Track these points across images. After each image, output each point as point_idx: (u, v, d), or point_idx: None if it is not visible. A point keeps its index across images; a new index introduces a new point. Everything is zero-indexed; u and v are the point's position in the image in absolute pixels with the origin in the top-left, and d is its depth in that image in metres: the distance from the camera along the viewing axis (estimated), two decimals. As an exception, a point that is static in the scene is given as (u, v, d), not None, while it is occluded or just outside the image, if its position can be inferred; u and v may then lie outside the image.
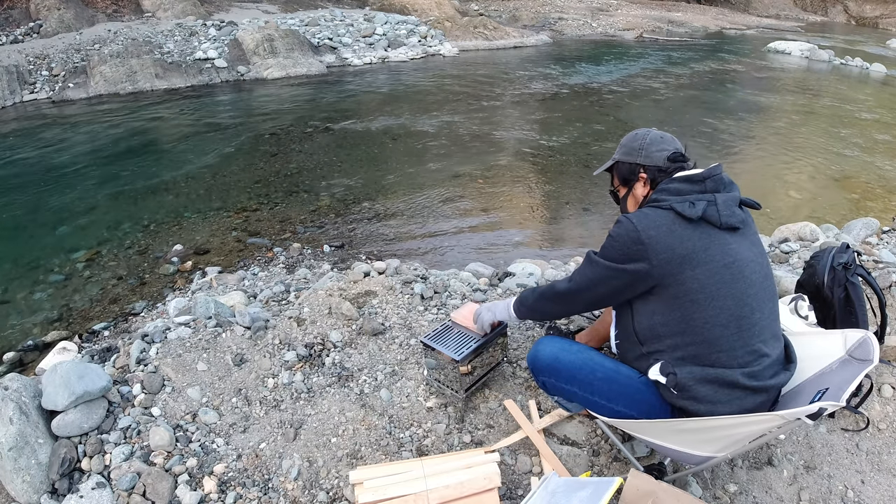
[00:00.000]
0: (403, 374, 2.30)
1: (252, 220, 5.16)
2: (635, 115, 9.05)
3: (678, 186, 1.56)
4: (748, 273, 1.50)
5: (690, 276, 1.46)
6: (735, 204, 1.54)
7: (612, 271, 1.55)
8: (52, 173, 6.24)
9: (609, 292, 1.60)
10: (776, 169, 6.88)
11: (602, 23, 18.15)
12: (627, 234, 1.50)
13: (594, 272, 1.60)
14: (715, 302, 1.46)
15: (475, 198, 5.75)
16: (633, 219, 1.52)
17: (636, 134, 1.74)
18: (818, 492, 1.93)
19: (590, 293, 1.63)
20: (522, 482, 1.90)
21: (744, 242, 1.53)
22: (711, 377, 1.47)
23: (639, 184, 1.71)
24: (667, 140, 1.69)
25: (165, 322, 2.67)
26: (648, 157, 1.67)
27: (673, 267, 1.46)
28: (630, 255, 1.50)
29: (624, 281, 1.54)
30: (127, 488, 1.84)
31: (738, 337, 1.47)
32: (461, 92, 10.00)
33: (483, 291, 2.94)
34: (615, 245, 1.54)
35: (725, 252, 1.48)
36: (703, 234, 1.48)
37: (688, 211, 1.48)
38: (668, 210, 1.51)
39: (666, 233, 1.47)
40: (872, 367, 1.39)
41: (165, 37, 11.02)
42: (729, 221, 1.49)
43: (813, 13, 25.93)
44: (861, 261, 2.78)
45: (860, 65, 13.87)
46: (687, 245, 1.46)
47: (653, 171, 1.66)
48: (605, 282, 1.58)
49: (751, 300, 1.49)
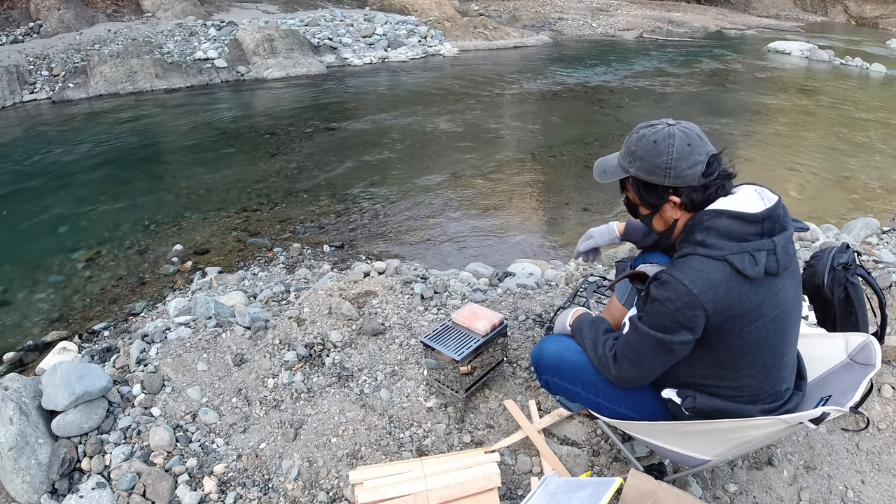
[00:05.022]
0: (403, 374, 2.29)
1: (252, 220, 5.16)
2: (635, 115, 9.05)
3: (729, 227, 1.29)
4: (787, 320, 1.36)
5: (738, 335, 1.31)
6: (791, 242, 1.34)
7: (665, 345, 1.33)
8: (53, 173, 6.24)
9: (664, 366, 1.41)
10: (776, 169, 6.87)
11: (602, 23, 18.14)
12: (680, 298, 1.27)
13: (641, 343, 1.39)
14: (751, 356, 1.35)
15: (475, 198, 5.75)
16: (684, 280, 1.27)
17: (655, 144, 1.35)
18: (818, 492, 1.93)
19: (638, 370, 1.44)
20: (522, 482, 1.90)
21: (788, 281, 1.35)
22: (731, 411, 1.41)
23: (668, 205, 1.41)
24: (695, 145, 1.34)
25: (165, 322, 2.68)
26: (680, 178, 1.33)
27: (725, 327, 1.30)
28: (683, 322, 1.29)
29: (678, 353, 1.36)
30: (127, 488, 1.84)
31: (765, 383, 1.41)
32: (461, 92, 10.00)
33: (483, 291, 2.94)
34: (666, 312, 1.30)
35: (776, 303, 1.31)
36: (759, 290, 1.29)
37: (750, 270, 1.25)
38: (723, 262, 1.26)
39: (724, 293, 1.26)
40: (875, 372, 1.38)
41: (165, 37, 11.01)
42: (785, 266, 1.31)
43: (813, 13, 25.93)
44: (861, 261, 2.78)
45: (860, 65, 13.86)
46: (744, 304, 1.28)
47: (687, 192, 1.35)
48: (656, 358, 1.39)
49: (784, 346, 1.39)
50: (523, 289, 2.95)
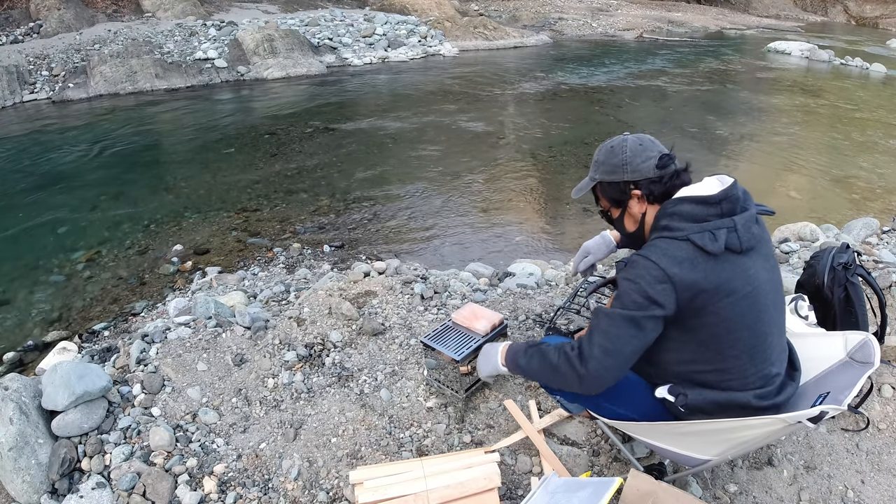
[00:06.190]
0: (403, 374, 2.30)
1: (252, 220, 5.16)
2: (635, 114, 9.05)
3: (691, 210, 1.39)
4: (763, 298, 1.41)
5: (711, 311, 1.36)
6: (753, 222, 1.41)
7: (636, 322, 1.35)
8: (53, 173, 6.24)
9: (637, 349, 1.39)
10: (776, 169, 6.88)
11: (602, 23, 18.14)
12: (649, 272, 1.34)
13: (611, 325, 1.38)
14: (731, 335, 1.39)
15: (475, 198, 5.75)
16: (650, 256, 1.35)
17: (611, 148, 1.55)
18: (818, 492, 1.93)
19: (611, 358, 1.39)
20: (522, 482, 1.90)
21: (759, 261, 1.41)
22: (723, 401, 1.44)
23: (633, 201, 1.54)
24: (647, 144, 1.52)
25: (165, 322, 2.68)
26: (636, 171, 1.50)
27: (695, 304, 1.35)
28: (653, 296, 1.33)
29: (649, 332, 1.37)
30: (127, 488, 1.84)
31: (750, 364, 1.43)
32: (461, 92, 10.00)
33: (483, 291, 2.94)
34: (636, 288, 1.35)
35: (746, 280, 1.37)
36: (725, 265, 1.35)
37: (710, 245, 1.32)
38: (686, 241, 1.35)
39: (689, 268, 1.33)
40: (874, 370, 1.38)
41: (165, 37, 11.02)
42: (749, 244, 1.37)
43: (813, 13, 25.93)
44: (861, 261, 2.77)
45: (860, 65, 13.86)
46: (711, 279, 1.33)
47: (645, 185, 1.50)
48: (628, 339, 1.37)
49: (764, 326, 1.42)
50: (523, 289, 2.95)
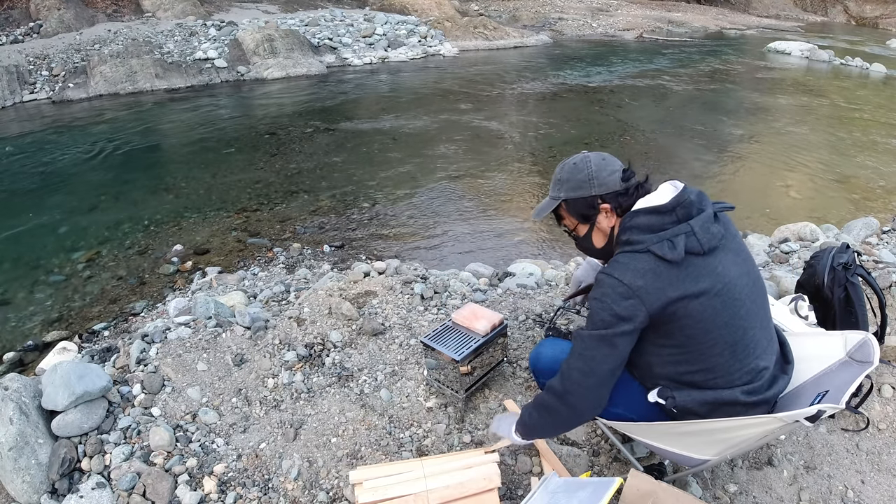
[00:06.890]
0: (403, 374, 2.30)
1: (252, 220, 5.16)
2: (635, 114, 9.05)
3: (647, 221, 1.42)
4: (737, 293, 1.41)
5: (684, 315, 1.37)
6: (711, 222, 1.41)
7: (608, 341, 1.39)
8: (53, 173, 6.24)
9: (614, 367, 1.43)
10: (776, 169, 6.88)
11: (602, 23, 18.14)
12: (614, 290, 1.37)
13: (586, 348, 1.42)
14: (709, 335, 1.40)
15: (475, 198, 5.75)
16: (613, 273, 1.38)
17: (574, 164, 1.55)
18: (818, 492, 1.93)
19: (590, 379, 1.43)
20: (522, 482, 1.90)
21: (728, 257, 1.42)
22: (711, 399, 1.44)
23: (602, 216, 1.54)
24: (609, 159, 1.55)
25: (165, 322, 2.68)
26: (603, 185, 1.50)
27: (668, 312, 1.36)
28: (620, 313, 1.36)
29: (621, 348, 1.41)
30: (127, 488, 1.84)
31: (733, 361, 1.43)
32: (461, 92, 10.00)
33: (483, 291, 2.94)
34: (603, 307, 1.38)
35: (715, 279, 1.38)
36: (689, 270, 1.36)
37: (670, 254, 1.34)
38: (647, 253, 1.37)
39: (653, 279, 1.35)
40: (872, 369, 1.39)
41: (165, 37, 11.01)
42: (710, 244, 1.38)
43: (813, 13, 25.92)
44: (861, 261, 2.78)
45: (860, 65, 13.86)
46: (678, 286, 1.35)
47: (613, 198, 1.51)
48: (603, 358, 1.41)
49: (742, 321, 1.42)
50: (523, 289, 2.95)
